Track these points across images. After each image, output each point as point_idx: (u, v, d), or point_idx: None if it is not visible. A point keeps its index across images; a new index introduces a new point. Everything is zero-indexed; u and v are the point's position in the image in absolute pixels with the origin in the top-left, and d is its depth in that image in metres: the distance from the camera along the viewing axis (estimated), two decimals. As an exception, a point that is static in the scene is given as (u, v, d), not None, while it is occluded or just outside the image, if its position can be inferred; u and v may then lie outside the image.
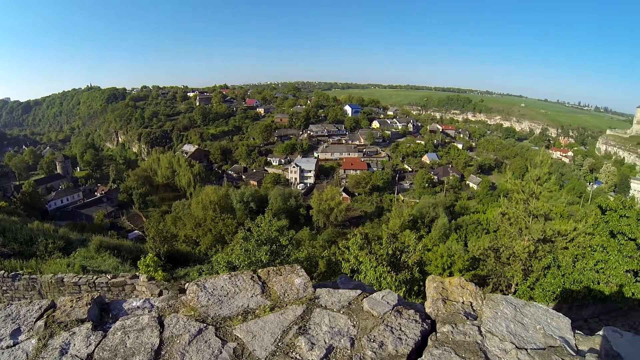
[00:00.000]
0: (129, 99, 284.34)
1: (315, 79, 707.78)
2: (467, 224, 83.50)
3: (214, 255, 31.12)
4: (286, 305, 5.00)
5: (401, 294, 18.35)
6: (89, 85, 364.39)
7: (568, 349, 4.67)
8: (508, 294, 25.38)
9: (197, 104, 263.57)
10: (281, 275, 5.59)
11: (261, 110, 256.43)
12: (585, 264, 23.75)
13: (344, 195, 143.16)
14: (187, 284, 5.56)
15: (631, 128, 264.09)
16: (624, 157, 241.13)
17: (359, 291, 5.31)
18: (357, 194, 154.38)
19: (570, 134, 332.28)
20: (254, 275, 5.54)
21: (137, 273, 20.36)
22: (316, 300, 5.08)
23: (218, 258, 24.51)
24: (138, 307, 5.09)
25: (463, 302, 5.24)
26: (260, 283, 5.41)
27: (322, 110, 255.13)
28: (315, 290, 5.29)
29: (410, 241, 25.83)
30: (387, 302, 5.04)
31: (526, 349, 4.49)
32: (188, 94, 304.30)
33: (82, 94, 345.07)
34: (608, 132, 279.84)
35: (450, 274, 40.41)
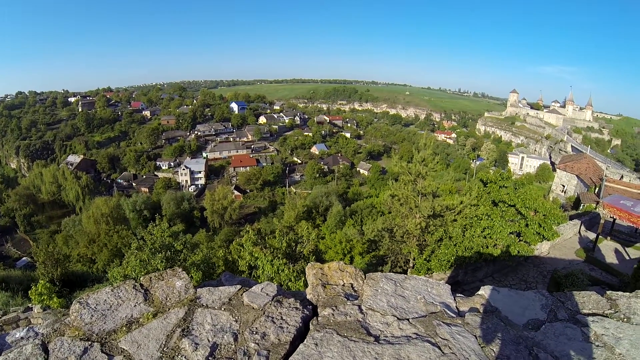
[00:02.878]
0: (2, 107, 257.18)
1: (201, 78, 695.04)
2: (361, 208, 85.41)
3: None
4: (169, 309, 4.90)
5: (301, 284, 18.37)
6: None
7: (449, 312, 4.97)
8: (407, 269, 26.35)
9: (80, 109, 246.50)
10: (163, 280, 5.45)
11: (147, 113, 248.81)
12: (474, 232, 25.42)
13: (236, 193, 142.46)
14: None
15: (506, 110, 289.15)
16: (501, 136, 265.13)
17: (238, 286, 5.31)
18: (249, 191, 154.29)
19: (453, 117, 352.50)
20: (136, 284, 5.37)
21: (30, 305, 18.92)
22: (197, 301, 5.02)
23: (114, 273, 23.27)
24: (22, 337, 4.81)
25: (344, 285, 5.38)
26: (143, 291, 5.26)
27: (208, 109, 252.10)
28: (196, 290, 5.22)
29: (303, 231, 25.92)
30: (267, 294, 5.10)
31: (408, 319, 4.69)
32: (69, 99, 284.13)
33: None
34: (486, 114, 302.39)
35: (351, 258, 41.23)
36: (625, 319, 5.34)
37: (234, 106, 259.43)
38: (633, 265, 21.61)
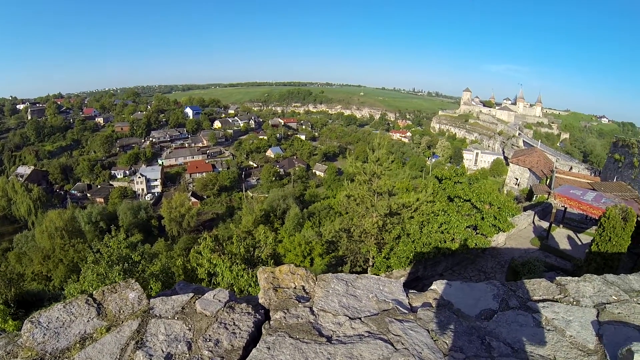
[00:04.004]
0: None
1: (154, 82, 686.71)
2: (319, 210, 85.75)
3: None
4: (122, 322, 4.81)
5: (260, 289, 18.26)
6: None
7: (401, 308, 5.06)
8: (367, 268, 26.56)
9: (29, 117, 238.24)
10: (116, 292, 5.36)
11: (100, 120, 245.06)
12: (431, 227, 25.91)
13: (193, 199, 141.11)
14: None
15: (459, 108, 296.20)
16: (455, 133, 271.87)
17: (191, 294, 5.28)
18: (206, 197, 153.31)
19: (408, 116, 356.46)
20: (89, 298, 5.24)
21: (-16, 330, 18.15)
22: (151, 311, 4.96)
23: (71, 289, 22.54)
24: (-27, 366, 4.66)
25: (295, 287, 5.42)
26: (96, 305, 5.14)
27: (163, 115, 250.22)
28: (149, 301, 5.16)
29: (260, 236, 25.84)
30: (219, 300, 5.07)
31: (360, 318, 4.76)
32: (17, 106, 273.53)
33: None
34: (440, 112, 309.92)
35: (312, 260, 41.29)
36: (574, 302, 5.61)
37: (189, 111, 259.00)
38: (585, 250, 22.41)
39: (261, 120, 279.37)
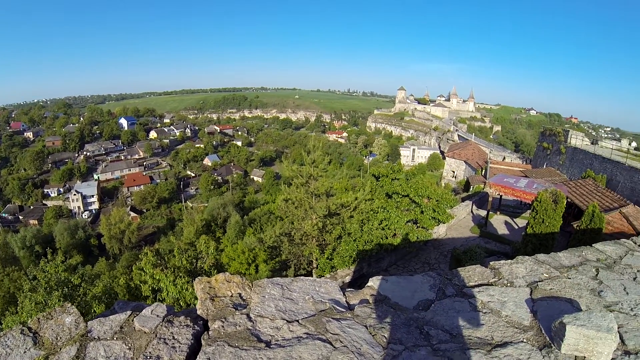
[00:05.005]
0: None
1: (87, 93, 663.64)
2: (259, 216, 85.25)
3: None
4: (60, 349, 4.66)
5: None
6: None
7: (338, 307, 5.19)
8: (312, 270, 26.68)
9: None
10: (52, 318, 5.19)
11: (30, 134, 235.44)
12: (372, 225, 26.29)
13: (133, 214, 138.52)
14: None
15: (394, 107, 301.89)
16: (391, 131, 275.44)
17: (129, 312, 5.22)
18: (145, 211, 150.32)
19: (343, 117, 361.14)
20: (24, 328, 5.05)
21: None
22: (89, 334, 4.84)
23: (8, 322, 21.45)
24: None
25: (232, 295, 5.42)
26: (32, 334, 4.95)
27: (97, 126, 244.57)
28: (87, 324, 5.04)
29: (202, 246, 25.54)
30: (157, 315, 5.02)
31: (297, 321, 4.85)
32: None
33: None
34: (375, 112, 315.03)
35: (257, 267, 41.10)
36: (508, 284, 5.96)
37: (124, 122, 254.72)
38: (522, 233, 23.31)
39: (197, 128, 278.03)
